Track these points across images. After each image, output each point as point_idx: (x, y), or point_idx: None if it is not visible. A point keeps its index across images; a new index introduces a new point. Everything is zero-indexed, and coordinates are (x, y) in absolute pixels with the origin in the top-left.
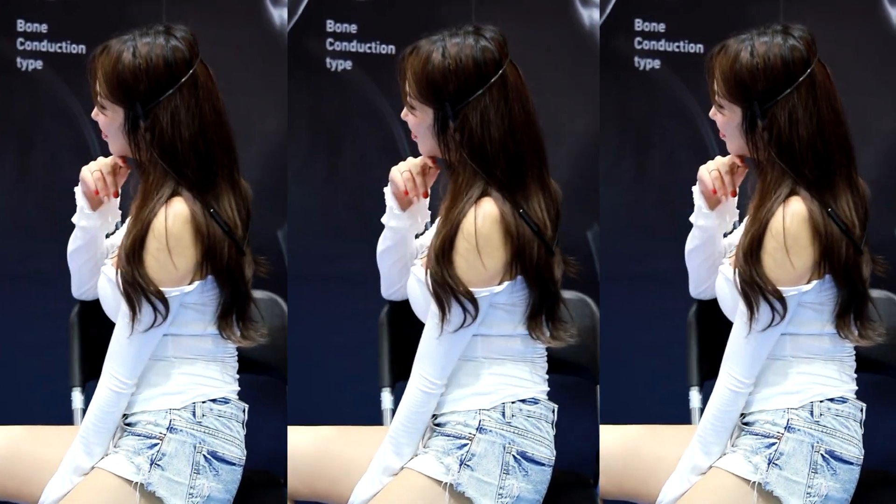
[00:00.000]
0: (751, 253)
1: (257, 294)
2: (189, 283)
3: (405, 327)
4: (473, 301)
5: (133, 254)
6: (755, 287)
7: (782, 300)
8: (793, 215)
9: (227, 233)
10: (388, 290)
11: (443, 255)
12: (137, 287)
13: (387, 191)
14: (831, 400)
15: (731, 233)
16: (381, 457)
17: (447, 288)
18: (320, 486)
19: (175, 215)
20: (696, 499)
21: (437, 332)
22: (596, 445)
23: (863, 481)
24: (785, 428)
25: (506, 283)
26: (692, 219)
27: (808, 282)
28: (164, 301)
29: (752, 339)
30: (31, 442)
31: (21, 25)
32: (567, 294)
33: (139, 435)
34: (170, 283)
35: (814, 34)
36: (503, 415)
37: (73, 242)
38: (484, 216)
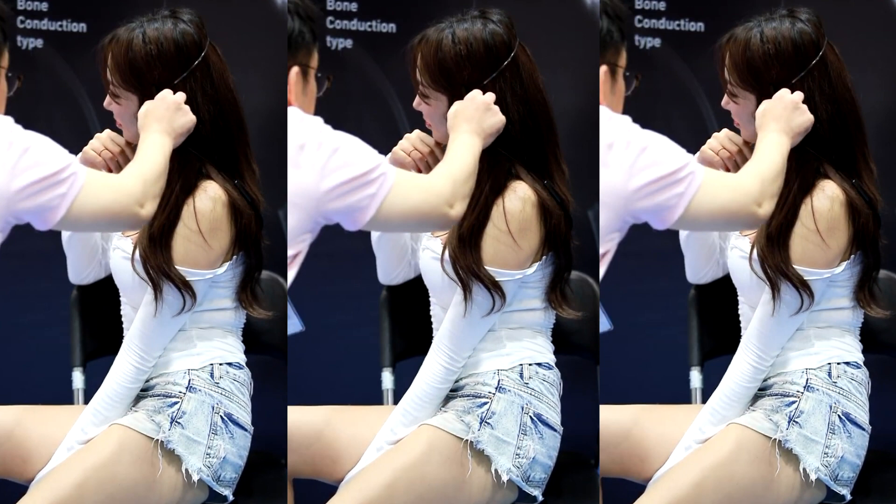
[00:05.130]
0: (779, 238)
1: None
2: (221, 265)
3: (406, 307)
4: (500, 290)
5: (162, 238)
6: (784, 275)
7: (809, 289)
8: (832, 199)
9: (253, 207)
10: (387, 276)
11: (471, 239)
12: (164, 274)
13: None
14: (847, 364)
15: None
16: (390, 427)
17: (475, 275)
18: (321, 464)
19: (215, 199)
20: (712, 452)
21: (465, 315)
22: (596, 426)
23: (865, 461)
24: (804, 387)
25: (536, 265)
26: None
27: (839, 263)
28: (191, 290)
29: (781, 322)
30: (30, 422)
31: (21, 3)
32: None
33: (158, 395)
34: (205, 266)
35: (819, 15)
36: (521, 376)
37: None
38: (524, 200)
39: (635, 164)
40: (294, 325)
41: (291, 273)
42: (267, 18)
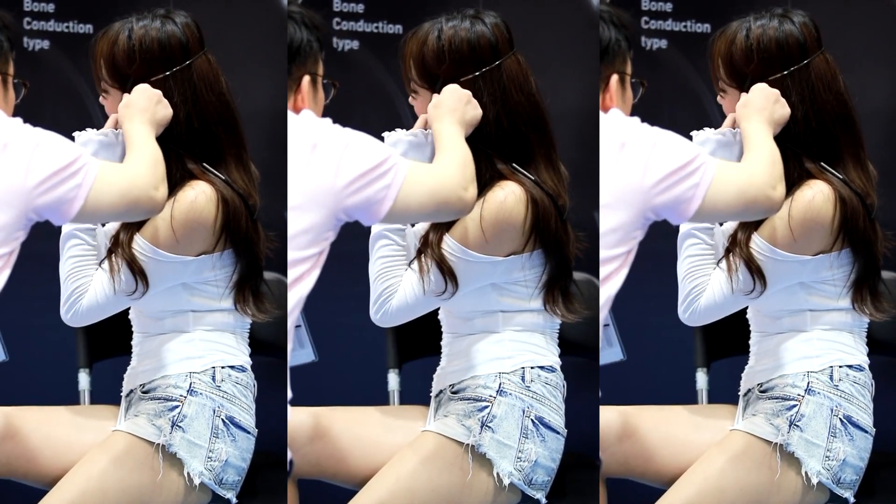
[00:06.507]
0: (752, 226)
1: (265, 274)
2: (194, 255)
3: None
4: (454, 278)
5: (135, 226)
6: (743, 254)
7: (762, 273)
8: (815, 192)
9: (242, 200)
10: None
11: (444, 228)
12: (124, 255)
13: None
14: (849, 367)
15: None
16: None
17: (435, 257)
18: (326, 464)
19: (198, 192)
20: (714, 459)
21: (417, 290)
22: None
23: (869, 463)
24: (805, 390)
25: (512, 256)
26: None
27: (816, 254)
28: (143, 273)
29: (730, 297)
30: (36, 422)
31: (28, 4)
32: (575, 275)
33: (159, 398)
34: (169, 248)
35: (817, 20)
36: (523, 379)
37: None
38: (507, 192)
39: (648, 160)
40: (307, 354)
41: (316, 273)
42: (272, 19)
